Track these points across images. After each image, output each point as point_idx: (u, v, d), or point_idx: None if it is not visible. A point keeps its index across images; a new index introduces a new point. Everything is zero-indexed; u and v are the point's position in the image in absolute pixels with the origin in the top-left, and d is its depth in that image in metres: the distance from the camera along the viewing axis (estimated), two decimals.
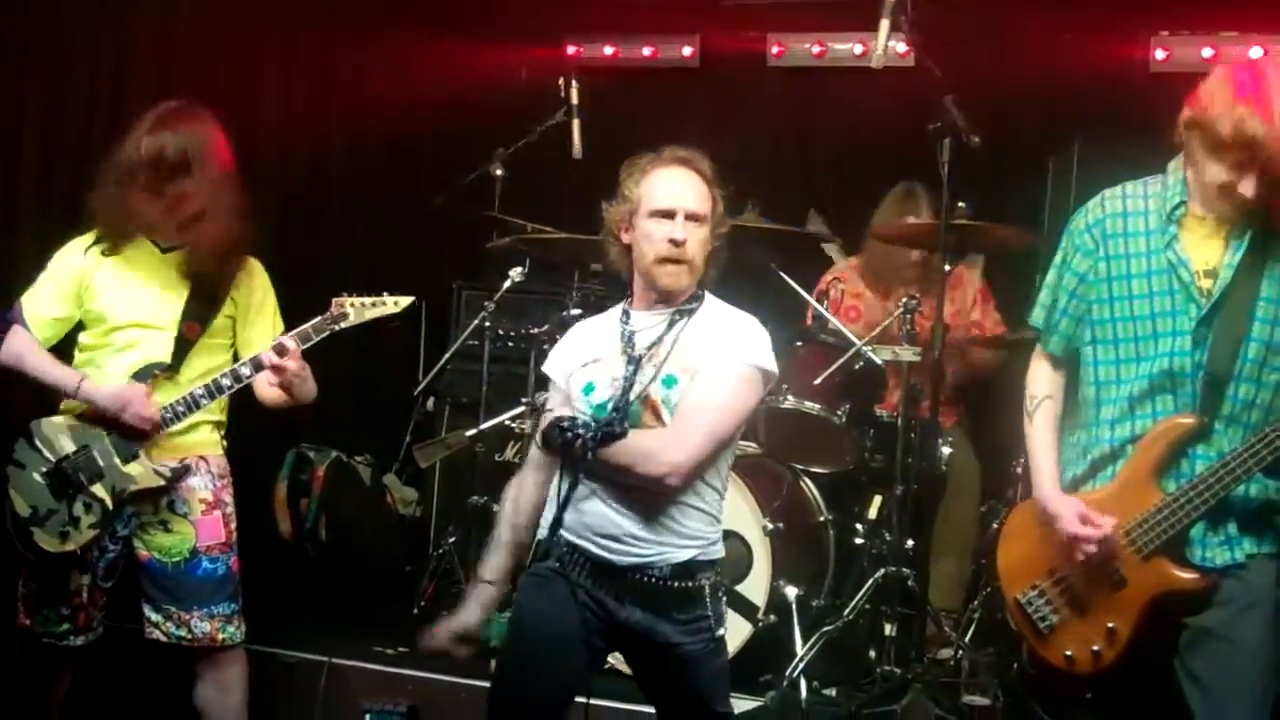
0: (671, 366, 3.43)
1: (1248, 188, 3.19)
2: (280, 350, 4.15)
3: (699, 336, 3.47)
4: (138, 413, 4.17)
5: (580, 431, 3.34)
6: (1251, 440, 3.26)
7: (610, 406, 3.42)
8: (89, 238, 4.31)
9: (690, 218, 3.47)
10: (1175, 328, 3.34)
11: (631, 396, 3.41)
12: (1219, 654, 3.31)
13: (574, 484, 3.39)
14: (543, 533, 3.55)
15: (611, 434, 3.33)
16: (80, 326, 4.35)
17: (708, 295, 3.59)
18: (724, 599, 3.57)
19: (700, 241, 3.48)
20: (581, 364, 3.55)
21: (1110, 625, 3.41)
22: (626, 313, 3.58)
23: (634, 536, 3.41)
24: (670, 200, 3.49)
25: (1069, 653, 3.48)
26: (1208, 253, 3.34)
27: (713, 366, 3.41)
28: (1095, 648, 3.43)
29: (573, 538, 3.45)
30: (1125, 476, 3.41)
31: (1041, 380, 3.64)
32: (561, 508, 3.42)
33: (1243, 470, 3.25)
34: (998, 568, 3.71)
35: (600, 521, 3.42)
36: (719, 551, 3.54)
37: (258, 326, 4.42)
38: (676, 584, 3.42)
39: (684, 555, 3.42)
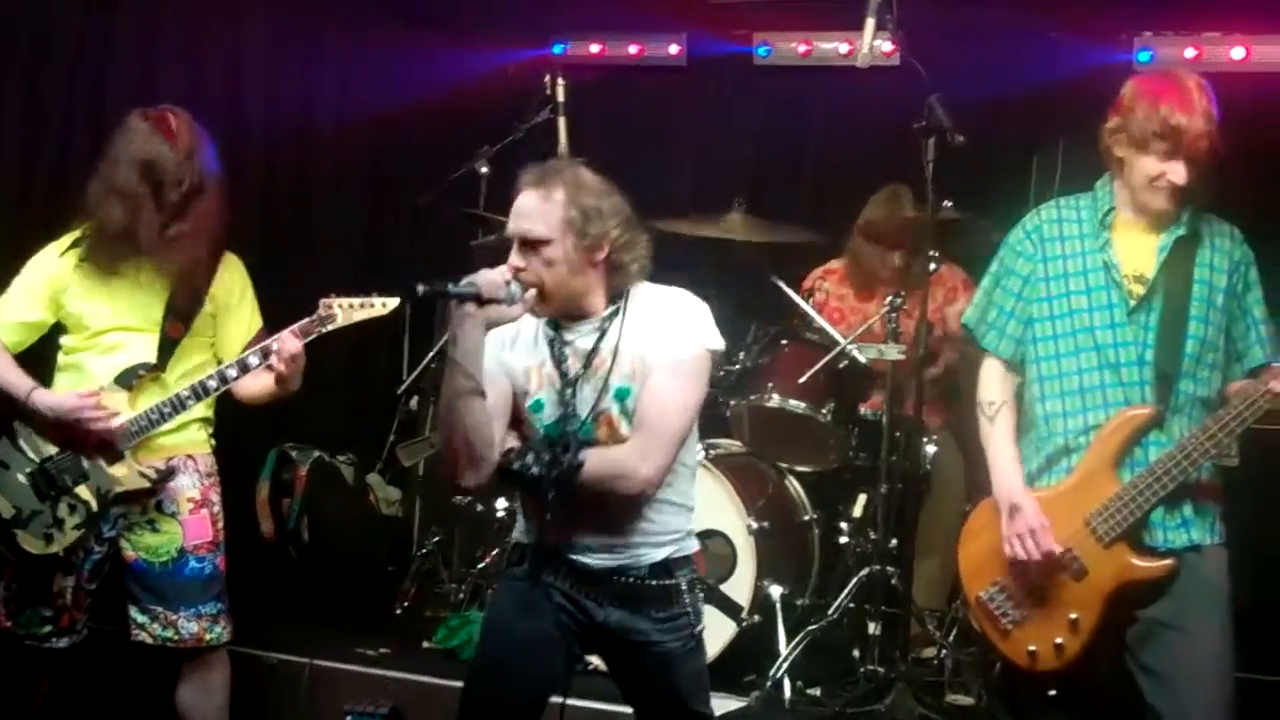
0: (618, 377, 3.34)
1: (1178, 174, 3.43)
2: (282, 350, 4.15)
3: (636, 337, 3.36)
4: (89, 426, 4.14)
5: (536, 473, 3.29)
6: (1208, 424, 3.39)
7: (561, 429, 3.34)
8: (65, 241, 4.29)
9: (526, 244, 3.29)
10: (1114, 319, 3.52)
11: (582, 414, 3.34)
12: (1175, 644, 3.41)
13: (547, 508, 3.33)
14: (518, 536, 3.54)
15: (570, 471, 3.28)
16: (61, 330, 4.32)
17: (630, 291, 3.42)
18: (701, 595, 3.56)
19: (547, 265, 3.28)
20: (522, 369, 3.43)
21: (1073, 616, 3.48)
22: (555, 321, 3.43)
23: (610, 544, 3.38)
24: (510, 225, 3.35)
25: (1032, 648, 3.54)
26: (1137, 257, 3.54)
27: (661, 366, 3.32)
28: (1058, 640, 3.49)
29: (549, 547, 3.40)
30: (1085, 468, 3.51)
31: (995, 386, 3.77)
32: (541, 530, 3.38)
33: (1200, 455, 3.39)
34: (959, 568, 3.78)
35: (575, 531, 3.38)
36: (693, 544, 3.52)
37: (236, 322, 4.41)
38: (655, 582, 3.41)
39: (661, 554, 3.41)
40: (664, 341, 3.34)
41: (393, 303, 4.32)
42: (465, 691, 3.56)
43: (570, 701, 3.55)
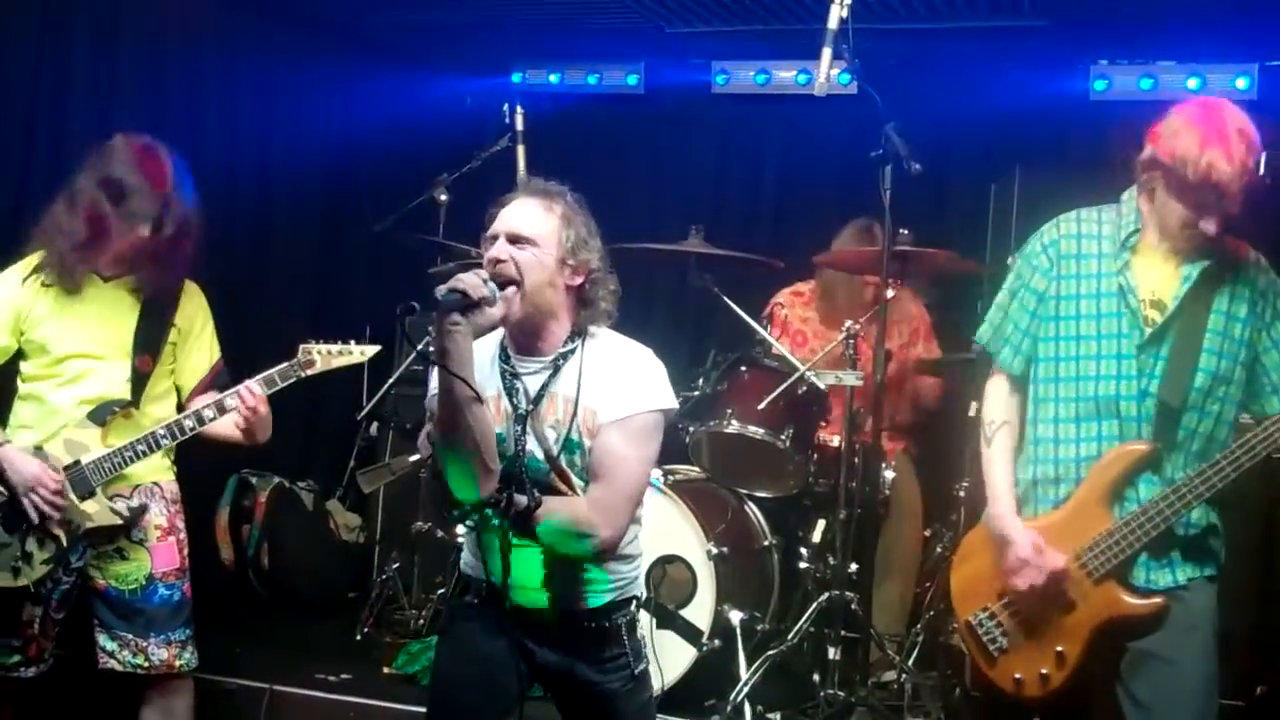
0: (569, 428, 3.30)
1: (1210, 226, 3.30)
2: (250, 394, 4.16)
3: (590, 386, 3.31)
4: (46, 499, 4.10)
5: (491, 510, 3.27)
6: (1204, 468, 3.33)
7: (514, 465, 3.31)
8: (27, 266, 4.26)
9: (513, 239, 3.30)
10: (1120, 350, 3.42)
11: (537, 454, 3.32)
12: (1161, 676, 3.37)
13: (494, 546, 3.33)
14: (464, 566, 3.53)
15: (523, 515, 3.26)
16: (21, 356, 4.29)
17: (592, 331, 3.40)
18: (642, 637, 3.56)
19: (529, 263, 3.28)
20: (487, 395, 3.34)
21: (1059, 649, 3.45)
22: (506, 352, 3.41)
23: (552, 589, 3.37)
24: (496, 225, 3.36)
25: (1018, 675, 3.51)
26: (1157, 283, 3.42)
27: (616, 426, 3.28)
28: (1044, 671, 3.47)
29: (494, 585, 3.39)
30: (1077, 500, 3.46)
31: (998, 405, 3.67)
32: (486, 567, 3.37)
33: (1194, 497, 3.32)
34: (950, 589, 3.75)
35: (520, 575, 3.36)
36: (637, 588, 3.53)
37: (197, 352, 4.41)
38: (593, 624, 3.41)
39: (604, 599, 3.41)
40: (619, 399, 3.30)
41: (371, 350, 4.37)
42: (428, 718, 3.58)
43: None
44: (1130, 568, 3.40)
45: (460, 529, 5.62)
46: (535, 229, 3.31)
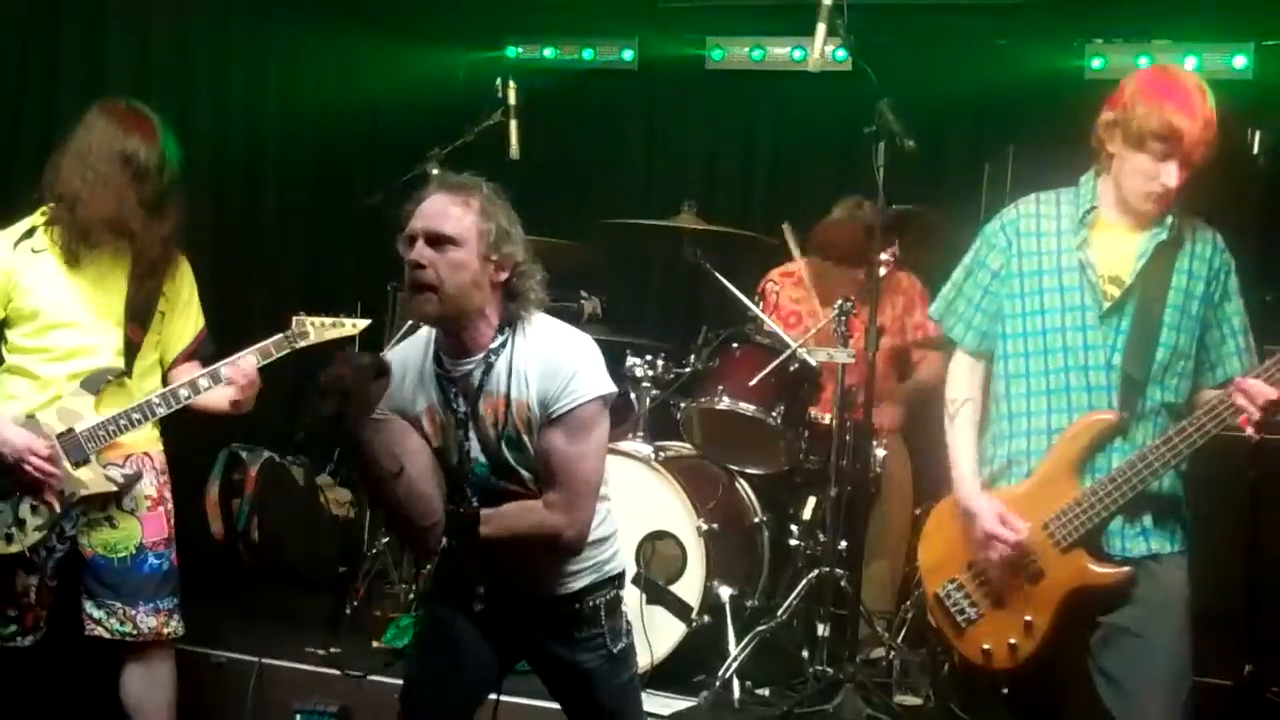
0: (509, 426, 3.26)
1: (1170, 176, 3.36)
2: (245, 369, 4.18)
3: (526, 382, 3.25)
4: (37, 466, 4.10)
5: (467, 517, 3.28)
6: (1170, 435, 3.36)
7: (460, 472, 3.32)
8: (16, 232, 4.24)
9: (432, 240, 3.20)
10: (1084, 321, 3.46)
11: (479, 458, 3.31)
12: (1133, 651, 3.39)
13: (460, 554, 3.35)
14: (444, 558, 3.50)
15: (466, 529, 3.27)
16: (6, 324, 4.26)
17: (523, 321, 3.32)
18: (625, 614, 3.55)
19: (451, 265, 3.18)
20: (414, 413, 3.35)
21: (1027, 618, 3.47)
22: (439, 355, 3.34)
23: (524, 577, 3.40)
24: (412, 224, 3.24)
25: (986, 646, 3.54)
26: (1115, 258, 3.48)
27: (557, 423, 3.23)
28: (1012, 641, 3.49)
29: (469, 576, 3.42)
30: (1045, 471, 3.48)
31: (961, 382, 3.73)
32: (458, 570, 3.41)
33: (1160, 464, 3.35)
34: (919, 564, 3.79)
35: (488, 565, 3.38)
36: (616, 567, 3.52)
37: (183, 322, 4.41)
38: (569, 608, 3.42)
39: (579, 584, 3.41)
40: (556, 394, 3.23)
41: (363, 323, 4.42)
42: (404, 693, 3.60)
43: (506, 699, 3.61)
44: (1100, 537, 3.43)
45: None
46: (454, 228, 3.20)
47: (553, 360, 3.26)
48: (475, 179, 3.34)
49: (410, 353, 3.42)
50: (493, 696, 3.57)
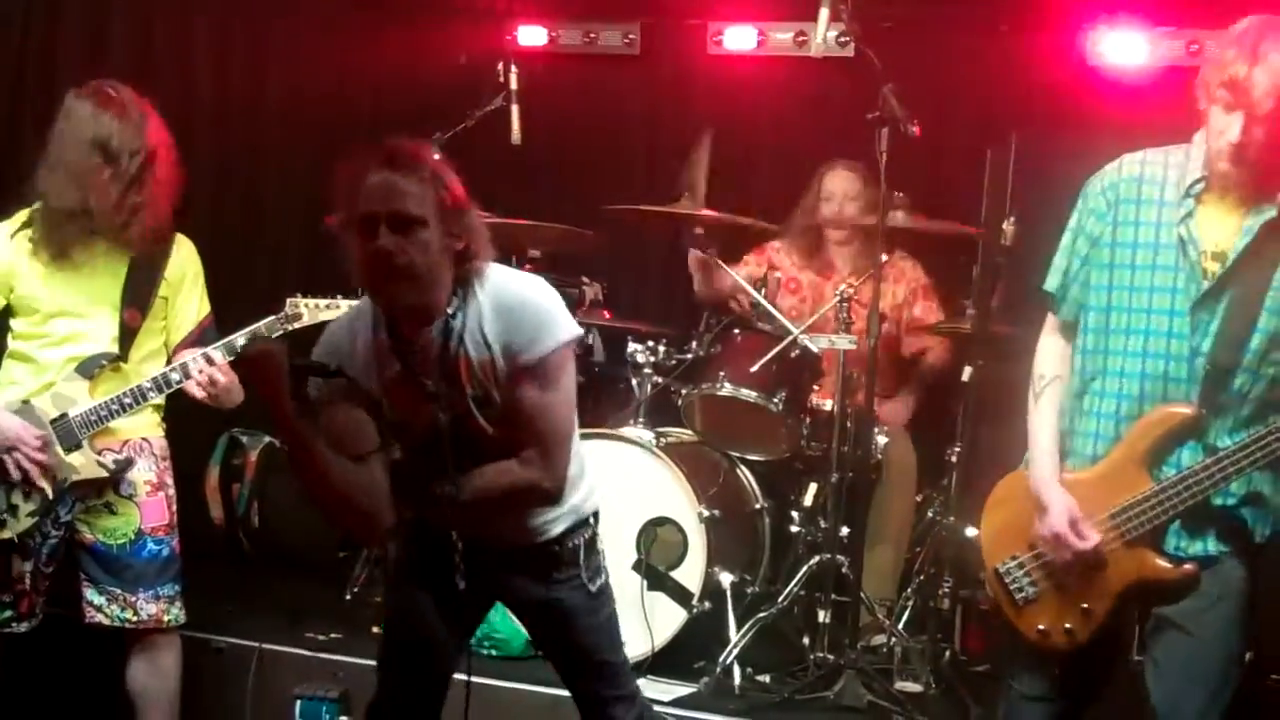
0: (473, 385, 3.24)
1: (1232, 131, 3.11)
2: (209, 360, 4.15)
3: (490, 336, 3.22)
4: (27, 455, 4.10)
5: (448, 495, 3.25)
6: (1247, 441, 3.19)
7: (432, 445, 3.27)
8: (16, 221, 4.24)
9: (397, 224, 3.10)
10: (1174, 306, 3.24)
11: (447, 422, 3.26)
12: (1179, 643, 3.30)
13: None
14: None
15: (452, 504, 3.26)
16: (10, 313, 4.27)
17: (475, 275, 3.26)
18: (601, 551, 3.58)
19: (421, 247, 3.10)
20: (371, 384, 3.30)
21: (1085, 606, 3.37)
22: (390, 326, 3.27)
23: (504, 535, 3.44)
24: (368, 204, 3.11)
25: (1042, 627, 3.43)
26: (1220, 234, 3.23)
27: (526, 372, 3.21)
28: (1068, 626, 3.39)
29: (444, 528, 3.44)
30: (1115, 459, 3.33)
31: (1050, 358, 3.51)
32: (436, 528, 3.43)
33: (1235, 469, 3.19)
34: (980, 535, 3.63)
35: (468, 528, 3.42)
36: (591, 506, 3.54)
37: (185, 305, 4.39)
38: (550, 549, 3.45)
39: (558, 529, 3.45)
40: (520, 345, 3.20)
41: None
42: (381, 660, 3.62)
43: (481, 680, 3.72)
44: (1163, 534, 3.29)
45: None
46: (418, 207, 3.10)
47: (513, 312, 3.22)
48: (415, 144, 3.28)
49: (353, 327, 3.36)
50: (461, 677, 3.62)
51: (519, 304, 3.24)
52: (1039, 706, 3.54)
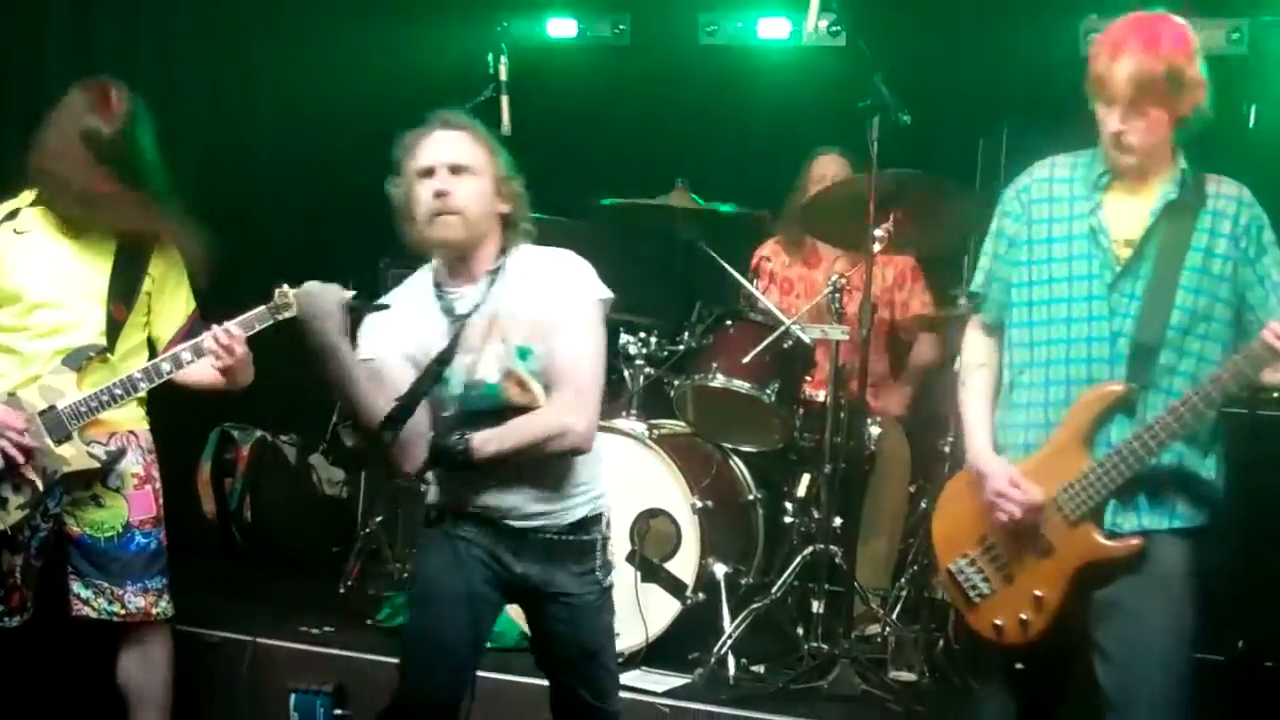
0: (517, 337, 3.44)
1: (1111, 122, 3.33)
2: (227, 334, 4.10)
3: (527, 294, 3.49)
4: (14, 440, 4.07)
5: (457, 449, 3.41)
6: (1174, 405, 3.28)
7: (470, 394, 3.46)
8: (1, 211, 4.23)
9: (454, 170, 3.47)
10: (1091, 292, 3.39)
11: (489, 378, 3.44)
12: (1123, 626, 3.35)
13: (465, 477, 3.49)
14: (432, 499, 3.63)
15: (464, 453, 3.40)
16: None
17: (516, 248, 3.58)
18: (612, 553, 3.70)
19: (473, 193, 3.47)
20: (412, 348, 3.53)
21: (1038, 593, 3.42)
22: (439, 286, 3.57)
23: (528, 510, 3.51)
24: (429, 157, 3.50)
25: (998, 622, 3.49)
26: (1129, 221, 3.41)
27: (563, 325, 3.46)
28: (1023, 616, 3.44)
29: (468, 509, 3.53)
30: (1054, 443, 3.43)
31: (975, 348, 3.68)
32: (461, 496, 3.54)
33: (1166, 435, 3.28)
34: (933, 538, 3.74)
35: (493, 499, 3.51)
36: (605, 506, 3.66)
37: (172, 303, 4.38)
38: (572, 538, 3.56)
39: (579, 513, 3.56)
40: (558, 300, 3.48)
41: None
42: (404, 655, 3.69)
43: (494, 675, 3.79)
44: (1103, 513, 3.37)
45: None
46: (471, 158, 3.49)
47: (550, 273, 3.53)
48: (468, 117, 3.61)
49: (409, 292, 3.63)
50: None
51: (555, 267, 3.55)
52: (1003, 705, 3.59)
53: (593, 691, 3.64)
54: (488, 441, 3.40)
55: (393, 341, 3.52)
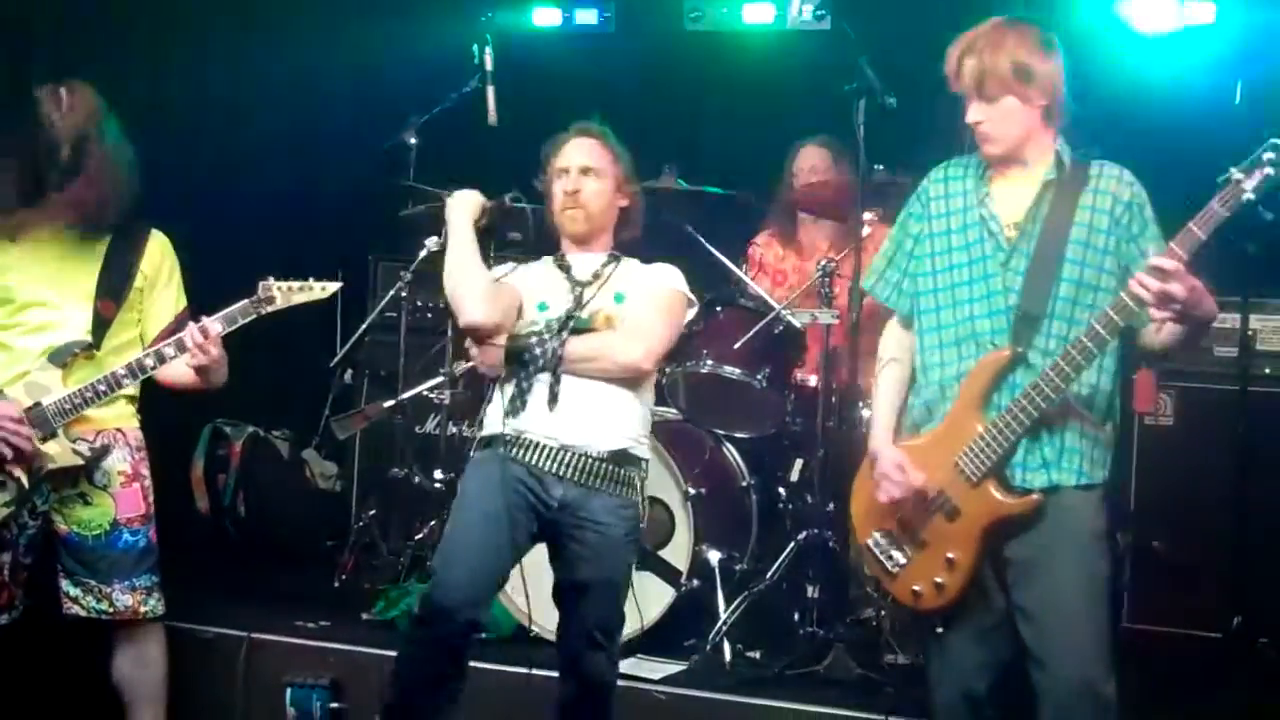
0: (618, 286, 4.06)
1: (970, 114, 3.62)
2: (204, 332, 4.11)
3: (634, 271, 4.15)
4: (9, 429, 4.07)
5: (536, 348, 3.94)
6: (1057, 359, 3.43)
7: (565, 316, 4.00)
8: None
9: (583, 171, 4.14)
10: (986, 272, 3.61)
11: (584, 313, 4.00)
12: (1037, 584, 3.49)
13: (530, 386, 3.94)
14: (493, 429, 3.98)
15: (556, 353, 3.93)
16: None
17: (627, 246, 4.23)
18: (646, 504, 4.09)
19: (595, 192, 4.14)
20: (531, 293, 4.09)
21: (950, 555, 3.57)
22: (562, 256, 4.20)
23: (571, 432, 3.91)
24: (565, 160, 4.18)
25: (916, 588, 3.65)
26: (1015, 206, 3.62)
27: (653, 287, 4.10)
28: (938, 580, 3.59)
29: (520, 430, 3.92)
30: (953, 413, 3.61)
31: (890, 342, 3.91)
32: (517, 408, 3.95)
33: (1051, 389, 3.43)
34: (850, 518, 3.91)
35: (541, 424, 3.92)
36: (646, 454, 4.07)
37: (162, 301, 4.39)
38: (610, 465, 3.93)
39: (617, 443, 3.95)
40: (655, 277, 4.15)
41: (332, 287, 4.34)
42: (438, 563, 3.93)
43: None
44: (1005, 469, 3.52)
45: (438, 474, 5.72)
46: (599, 161, 4.17)
47: (652, 268, 4.19)
48: (600, 125, 4.30)
49: (537, 264, 4.24)
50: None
51: (659, 266, 4.20)
52: (939, 669, 3.73)
53: (603, 630, 3.96)
54: (573, 341, 3.93)
55: (519, 281, 4.11)
